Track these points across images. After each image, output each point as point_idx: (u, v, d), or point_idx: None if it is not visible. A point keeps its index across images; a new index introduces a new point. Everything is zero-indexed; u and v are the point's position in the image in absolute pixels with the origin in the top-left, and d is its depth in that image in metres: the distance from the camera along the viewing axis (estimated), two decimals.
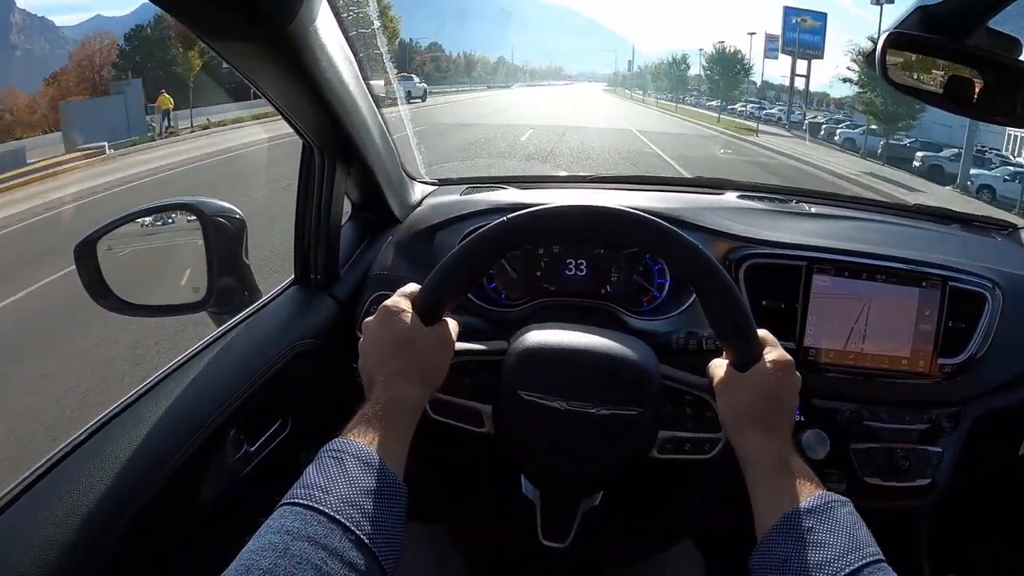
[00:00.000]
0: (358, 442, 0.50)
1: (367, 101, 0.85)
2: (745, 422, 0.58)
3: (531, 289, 0.96)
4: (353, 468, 0.48)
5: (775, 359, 0.59)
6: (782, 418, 0.59)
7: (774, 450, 0.56)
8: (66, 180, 9.99)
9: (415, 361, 0.58)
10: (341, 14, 0.77)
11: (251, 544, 0.43)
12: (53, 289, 4.45)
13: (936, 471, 0.93)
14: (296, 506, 0.45)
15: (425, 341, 0.59)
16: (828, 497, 0.51)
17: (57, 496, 0.55)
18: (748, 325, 0.59)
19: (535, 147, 11.70)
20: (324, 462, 0.48)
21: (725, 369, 0.61)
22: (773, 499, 0.53)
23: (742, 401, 0.59)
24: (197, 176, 9.58)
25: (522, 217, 0.61)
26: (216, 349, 0.76)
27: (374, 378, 0.57)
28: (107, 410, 0.65)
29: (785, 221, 1.02)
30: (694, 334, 0.81)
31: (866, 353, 0.90)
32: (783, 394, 0.59)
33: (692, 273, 0.61)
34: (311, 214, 0.87)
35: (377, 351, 0.59)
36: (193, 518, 0.68)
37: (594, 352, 0.67)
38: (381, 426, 0.52)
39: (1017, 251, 1.15)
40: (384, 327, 0.59)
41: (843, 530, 0.48)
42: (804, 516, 0.49)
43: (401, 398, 0.56)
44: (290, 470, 0.84)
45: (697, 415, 0.68)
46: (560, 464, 0.66)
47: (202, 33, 0.58)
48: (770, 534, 0.50)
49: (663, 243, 0.61)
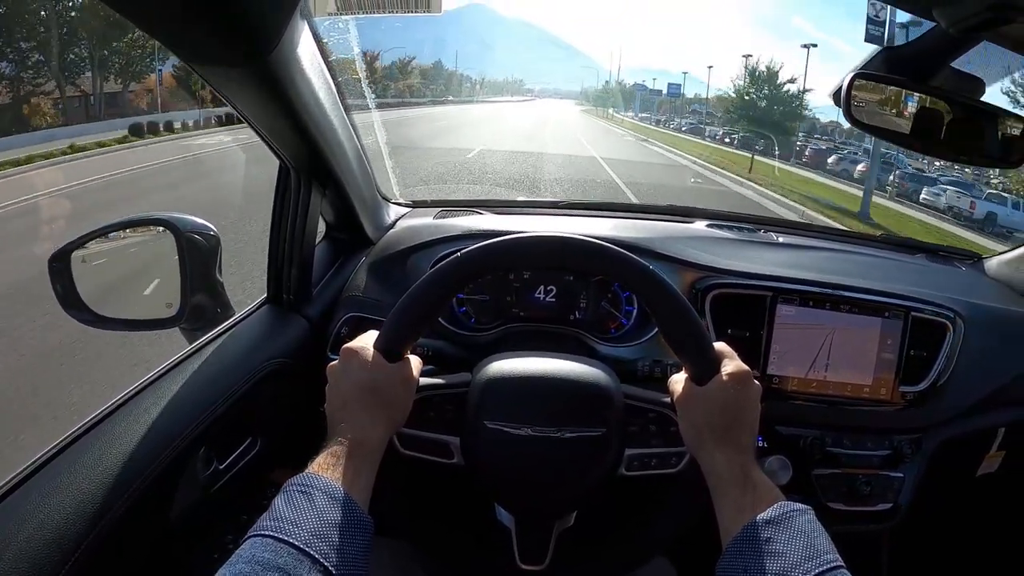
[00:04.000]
0: (325, 477, 0.52)
1: (344, 124, 0.86)
2: (706, 436, 0.59)
3: (501, 314, 0.97)
4: (321, 502, 0.50)
5: (732, 371, 0.60)
6: (743, 429, 0.60)
7: (736, 462, 0.57)
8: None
9: (378, 402, 0.60)
10: (322, 40, 0.78)
11: (223, 572, 0.44)
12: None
13: (897, 496, 0.95)
14: (266, 537, 0.46)
15: (388, 381, 0.61)
16: (788, 507, 0.52)
17: (27, 512, 0.55)
18: (703, 338, 0.61)
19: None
20: (293, 496, 0.50)
21: (684, 384, 0.62)
22: (735, 510, 0.54)
23: (702, 415, 0.60)
24: None
25: (476, 251, 0.63)
26: (188, 366, 0.76)
27: (338, 419, 0.59)
28: (77, 425, 0.65)
29: (752, 251, 1.04)
30: (659, 362, 0.83)
31: (829, 381, 0.92)
32: (742, 406, 0.60)
33: (644, 291, 0.63)
34: (285, 233, 0.87)
35: (342, 394, 0.61)
36: (162, 535, 0.68)
37: (554, 377, 0.68)
38: (346, 464, 0.54)
39: (980, 280, 1.18)
40: (347, 370, 0.61)
41: (801, 538, 0.50)
42: (764, 526, 0.51)
43: (364, 438, 0.58)
44: (258, 488, 0.85)
45: (662, 431, 0.68)
46: (531, 489, 0.67)
47: (184, 58, 0.59)
48: (732, 544, 0.52)
49: (612, 266, 0.63)
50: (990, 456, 1.09)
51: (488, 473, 0.67)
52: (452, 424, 0.68)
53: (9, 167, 9.76)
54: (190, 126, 15.03)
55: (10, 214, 6.82)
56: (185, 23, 0.53)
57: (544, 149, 14.37)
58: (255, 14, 0.55)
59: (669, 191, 10.55)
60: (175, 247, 0.87)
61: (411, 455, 0.68)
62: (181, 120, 15.27)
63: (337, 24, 0.83)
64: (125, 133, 13.30)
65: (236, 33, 0.56)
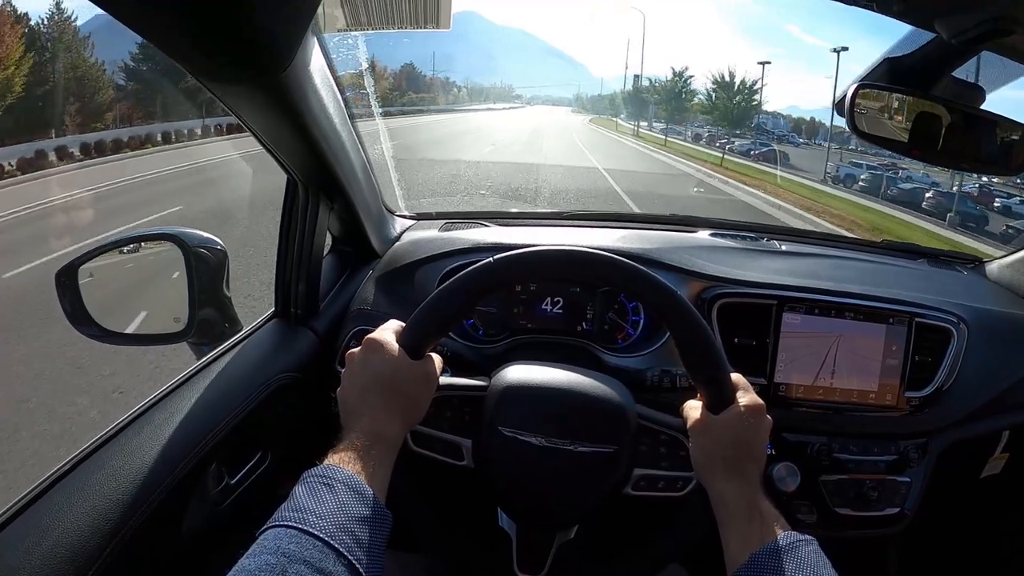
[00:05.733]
0: (346, 469, 0.51)
1: (352, 138, 0.87)
2: (717, 465, 0.60)
3: (508, 326, 0.97)
4: (344, 494, 0.49)
5: (747, 404, 0.61)
6: (752, 462, 0.61)
7: (744, 493, 0.58)
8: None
9: (398, 397, 0.60)
10: (331, 56, 0.79)
11: (245, 563, 0.43)
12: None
13: (905, 500, 0.96)
14: (290, 528, 0.45)
15: (409, 377, 0.61)
16: (794, 537, 0.53)
17: (44, 527, 0.55)
18: (722, 369, 0.62)
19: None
20: (314, 486, 0.49)
21: (699, 411, 0.63)
22: (742, 540, 0.55)
23: (714, 445, 0.61)
24: None
25: (507, 259, 0.63)
26: (198, 382, 0.76)
27: (357, 411, 0.59)
28: (91, 441, 0.65)
29: (756, 260, 1.05)
30: (668, 372, 0.83)
31: (835, 388, 0.92)
32: (754, 439, 0.61)
33: (668, 317, 0.63)
34: (293, 247, 0.87)
35: (361, 385, 0.60)
36: (175, 551, 0.68)
37: (573, 390, 0.68)
38: (364, 458, 0.54)
39: (982, 284, 1.19)
40: (369, 362, 0.61)
41: (807, 569, 0.50)
42: (770, 556, 0.52)
43: (383, 433, 0.57)
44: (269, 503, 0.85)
45: (671, 454, 0.69)
46: (536, 499, 0.67)
47: (197, 75, 0.59)
48: (739, 572, 0.53)
49: (640, 287, 0.64)
50: (994, 459, 1.10)
51: (496, 478, 0.67)
52: (466, 426, 0.69)
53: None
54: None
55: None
56: (198, 42, 0.54)
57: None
58: (268, 33, 0.56)
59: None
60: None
61: (422, 453, 0.69)
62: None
63: (346, 40, 0.84)
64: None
65: (250, 52, 0.56)
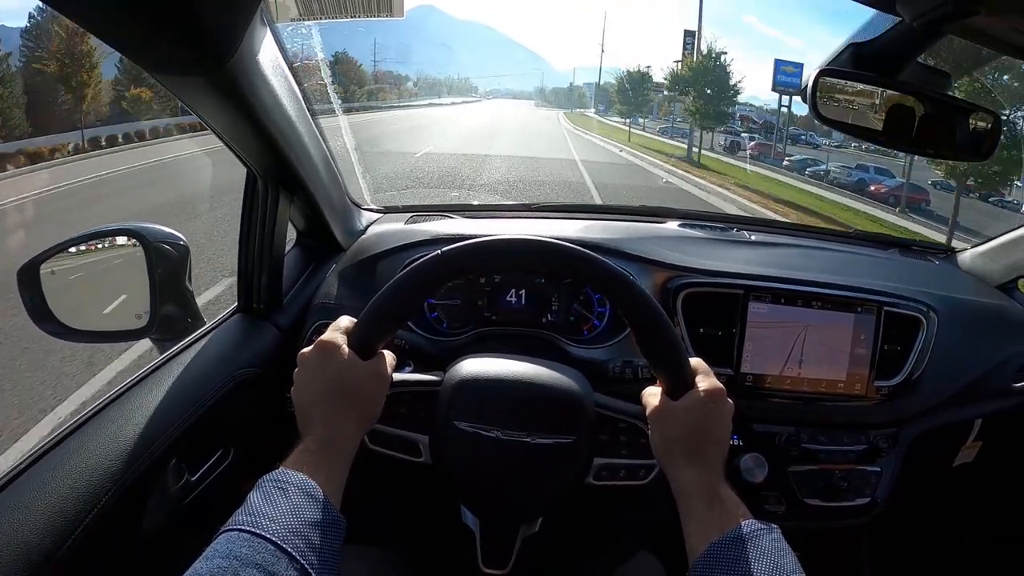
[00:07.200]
0: (300, 474, 0.51)
1: (311, 130, 0.86)
2: (677, 452, 0.59)
3: (472, 318, 0.96)
4: (297, 498, 0.49)
5: (707, 388, 0.60)
6: (713, 447, 0.59)
7: (704, 481, 0.57)
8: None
9: (352, 398, 0.59)
10: (285, 45, 0.77)
11: (198, 566, 0.43)
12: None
13: (875, 490, 0.96)
14: (243, 532, 0.45)
15: (361, 377, 0.60)
16: (754, 526, 0.52)
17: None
18: (679, 354, 0.61)
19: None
20: (269, 491, 0.49)
21: (658, 398, 0.62)
22: (702, 528, 0.54)
23: (674, 431, 0.60)
24: None
25: (456, 250, 0.62)
26: (158, 377, 0.75)
27: (310, 415, 0.58)
28: (47, 438, 0.64)
29: (724, 249, 1.04)
30: (630, 363, 0.83)
31: (803, 378, 0.92)
32: (715, 423, 0.60)
33: (624, 303, 0.62)
34: (254, 241, 0.86)
35: (312, 389, 0.60)
36: (133, 548, 0.67)
37: (528, 382, 0.67)
38: (319, 462, 0.53)
39: (954, 274, 1.19)
40: (321, 364, 0.60)
41: (767, 558, 0.49)
42: (729, 545, 0.51)
43: (337, 436, 0.57)
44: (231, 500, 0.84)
45: (632, 442, 0.68)
46: (497, 493, 0.67)
47: (145, 67, 0.58)
48: (698, 562, 0.52)
49: (596, 274, 0.62)
50: (967, 447, 1.10)
51: (454, 473, 0.67)
52: (423, 422, 0.68)
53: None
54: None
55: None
56: (146, 34, 0.53)
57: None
58: (212, 21, 0.55)
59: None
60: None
61: (379, 451, 0.68)
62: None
63: (300, 30, 0.82)
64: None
65: (194, 41, 0.56)
